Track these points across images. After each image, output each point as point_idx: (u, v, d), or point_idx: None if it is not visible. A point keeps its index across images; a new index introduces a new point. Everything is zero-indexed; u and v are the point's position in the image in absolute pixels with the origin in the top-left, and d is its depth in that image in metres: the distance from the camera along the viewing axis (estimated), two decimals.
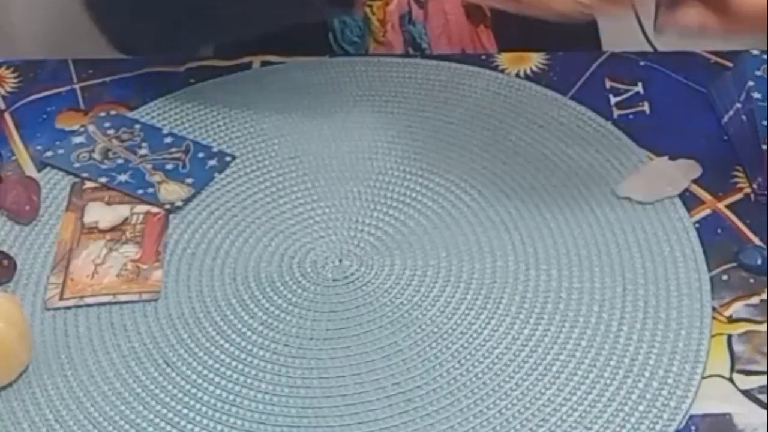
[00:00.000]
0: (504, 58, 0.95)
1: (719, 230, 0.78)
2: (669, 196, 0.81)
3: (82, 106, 0.92)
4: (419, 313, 0.74)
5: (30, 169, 0.87)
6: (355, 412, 0.68)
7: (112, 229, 0.80)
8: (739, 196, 0.81)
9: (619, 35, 0.92)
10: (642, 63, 0.94)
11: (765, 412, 0.67)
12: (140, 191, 0.83)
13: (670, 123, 0.88)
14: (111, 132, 0.89)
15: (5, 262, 0.77)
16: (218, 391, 0.70)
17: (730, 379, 0.69)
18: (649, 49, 0.86)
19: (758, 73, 0.86)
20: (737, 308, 0.73)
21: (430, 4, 1.01)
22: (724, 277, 0.75)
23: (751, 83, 0.85)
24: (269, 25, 0.89)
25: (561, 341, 0.71)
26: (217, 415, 0.68)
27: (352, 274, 0.77)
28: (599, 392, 0.68)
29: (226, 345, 0.73)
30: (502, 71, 0.94)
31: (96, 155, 0.87)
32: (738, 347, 0.71)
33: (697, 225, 0.79)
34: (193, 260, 0.79)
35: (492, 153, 0.86)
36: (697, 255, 0.76)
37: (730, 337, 0.71)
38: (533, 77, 0.93)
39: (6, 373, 0.70)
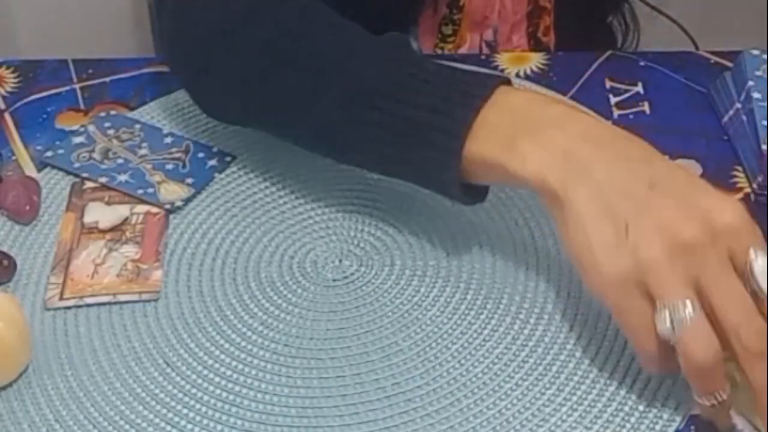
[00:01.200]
0: (504, 58, 0.95)
1: None
2: None
3: (82, 106, 0.93)
4: (419, 313, 0.74)
5: (30, 169, 0.87)
6: (355, 412, 0.68)
7: (112, 229, 0.80)
8: (739, 196, 0.81)
9: None
10: (642, 63, 0.94)
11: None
12: (140, 191, 0.83)
13: (670, 123, 0.88)
14: (111, 132, 0.89)
15: (5, 262, 0.77)
16: (218, 391, 0.70)
17: None
18: None
19: (758, 73, 0.86)
20: None
21: (500, 48, 1.01)
22: None
23: (751, 83, 0.85)
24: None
25: (561, 341, 0.71)
26: (217, 415, 0.68)
27: (352, 274, 0.77)
28: (599, 392, 0.68)
29: (226, 345, 0.73)
30: (502, 71, 0.93)
31: (96, 155, 0.87)
32: None
33: None
34: (193, 260, 0.79)
35: None
36: None
37: None
38: (533, 77, 0.93)
39: (6, 373, 0.70)
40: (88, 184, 0.84)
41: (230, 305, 0.75)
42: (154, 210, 0.82)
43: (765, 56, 0.87)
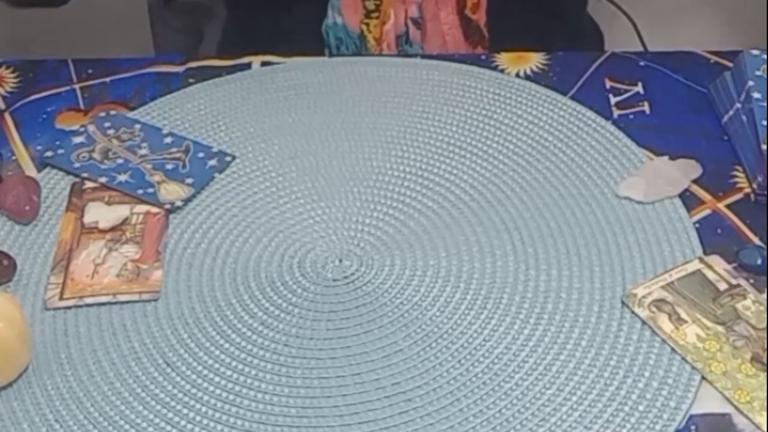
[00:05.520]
0: (504, 58, 0.95)
1: (719, 230, 0.78)
2: (669, 196, 0.81)
3: (82, 106, 0.92)
4: (419, 313, 0.74)
5: (30, 169, 0.87)
6: (355, 412, 0.68)
7: (112, 229, 0.80)
8: (739, 196, 0.81)
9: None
10: (642, 63, 0.94)
11: (765, 411, 0.67)
12: (140, 191, 0.83)
13: (670, 123, 0.88)
14: (111, 132, 0.89)
15: (5, 262, 0.77)
16: (218, 391, 0.70)
17: None
18: None
19: (758, 73, 0.86)
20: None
21: (428, 25, 1.01)
22: None
23: (751, 83, 0.85)
24: None
25: (561, 341, 0.71)
26: (217, 415, 0.68)
27: (352, 274, 0.77)
28: (599, 392, 0.68)
29: (226, 345, 0.73)
30: (502, 71, 0.94)
31: (96, 155, 0.87)
32: None
33: (697, 225, 0.79)
34: (193, 260, 0.79)
35: (492, 153, 0.86)
36: (697, 255, 0.76)
37: None
38: (533, 77, 0.93)
39: (6, 373, 0.70)
40: (88, 184, 0.84)
41: (230, 305, 0.75)
42: (154, 210, 0.82)
43: (765, 56, 0.87)
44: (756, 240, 0.78)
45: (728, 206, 0.80)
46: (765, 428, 0.66)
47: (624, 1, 1.14)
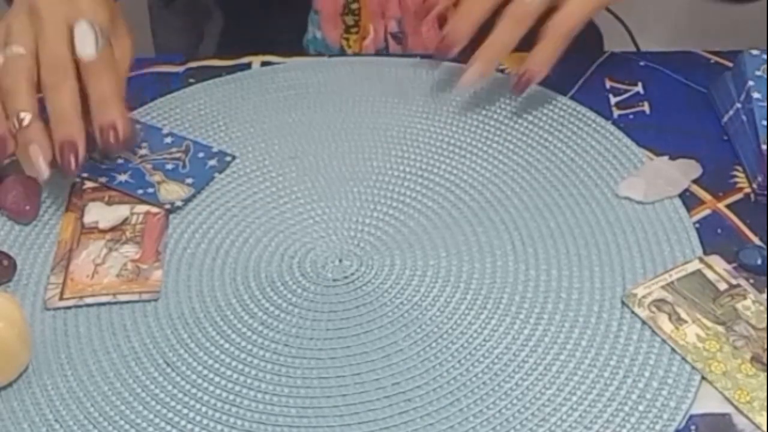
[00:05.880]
0: (504, 58, 0.95)
1: (719, 230, 0.78)
2: (669, 196, 0.81)
3: None
4: (419, 313, 0.74)
5: None
6: (355, 412, 0.68)
7: (112, 229, 0.80)
8: (739, 196, 0.81)
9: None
10: (642, 63, 0.94)
11: (765, 411, 0.67)
12: (140, 191, 0.83)
13: (670, 123, 0.88)
14: None
15: (5, 262, 0.77)
16: (218, 391, 0.70)
17: None
18: None
19: (758, 73, 0.86)
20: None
21: (409, 39, 1.00)
22: None
23: (751, 83, 0.85)
24: None
25: (561, 341, 0.71)
26: (217, 415, 0.68)
27: (352, 274, 0.77)
28: (599, 392, 0.68)
29: (226, 345, 0.73)
30: (502, 71, 0.94)
31: (96, 155, 0.87)
32: None
33: (697, 225, 0.79)
34: (193, 260, 0.79)
35: (492, 153, 0.86)
36: (697, 255, 0.76)
37: None
38: None
39: (6, 373, 0.70)
40: (88, 184, 0.84)
41: (230, 305, 0.75)
42: (154, 210, 0.82)
43: (765, 56, 0.87)
44: (756, 240, 0.78)
45: (728, 206, 0.80)
46: (765, 428, 0.66)
47: (620, 6, 1.14)
